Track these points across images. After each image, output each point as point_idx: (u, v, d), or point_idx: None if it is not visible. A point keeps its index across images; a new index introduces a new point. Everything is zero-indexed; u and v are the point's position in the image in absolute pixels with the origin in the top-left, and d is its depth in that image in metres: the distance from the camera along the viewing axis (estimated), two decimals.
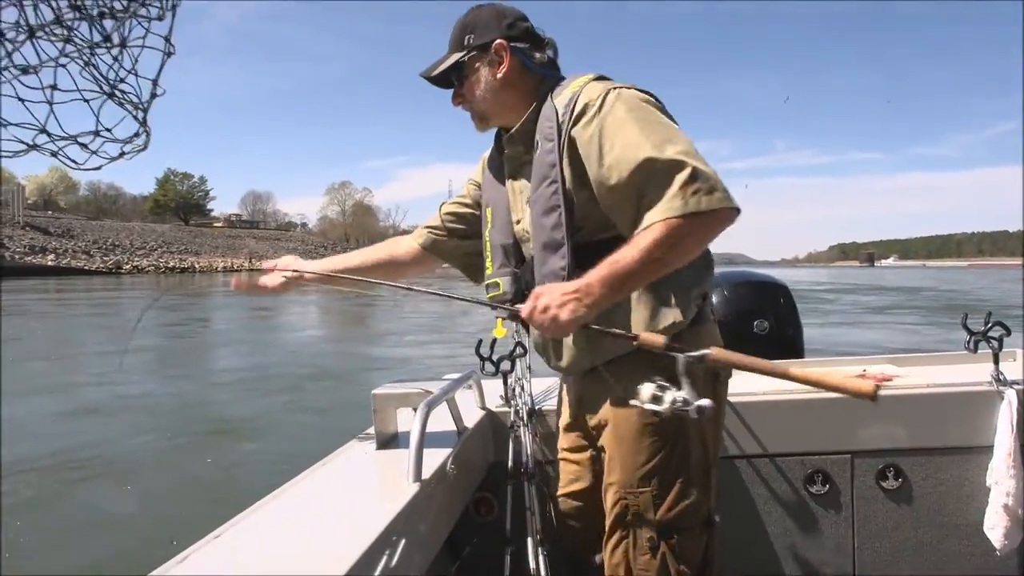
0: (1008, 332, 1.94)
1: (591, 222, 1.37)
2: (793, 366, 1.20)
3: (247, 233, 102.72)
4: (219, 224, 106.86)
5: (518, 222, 1.51)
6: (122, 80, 1.14)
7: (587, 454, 1.59)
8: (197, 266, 73.31)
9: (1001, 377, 1.93)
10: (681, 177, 1.17)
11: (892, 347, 10.82)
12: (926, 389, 1.97)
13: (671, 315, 1.34)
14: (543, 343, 1.53)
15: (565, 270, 1.34)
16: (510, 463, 1.76)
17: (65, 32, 1.08)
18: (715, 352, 1.21)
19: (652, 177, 1.20)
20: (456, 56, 1.45)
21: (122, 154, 1.16)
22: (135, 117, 1.17)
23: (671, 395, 1.16)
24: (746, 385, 2.10)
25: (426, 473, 1.34)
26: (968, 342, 1.97)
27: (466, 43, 1.45)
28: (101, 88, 1.11)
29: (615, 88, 1.33)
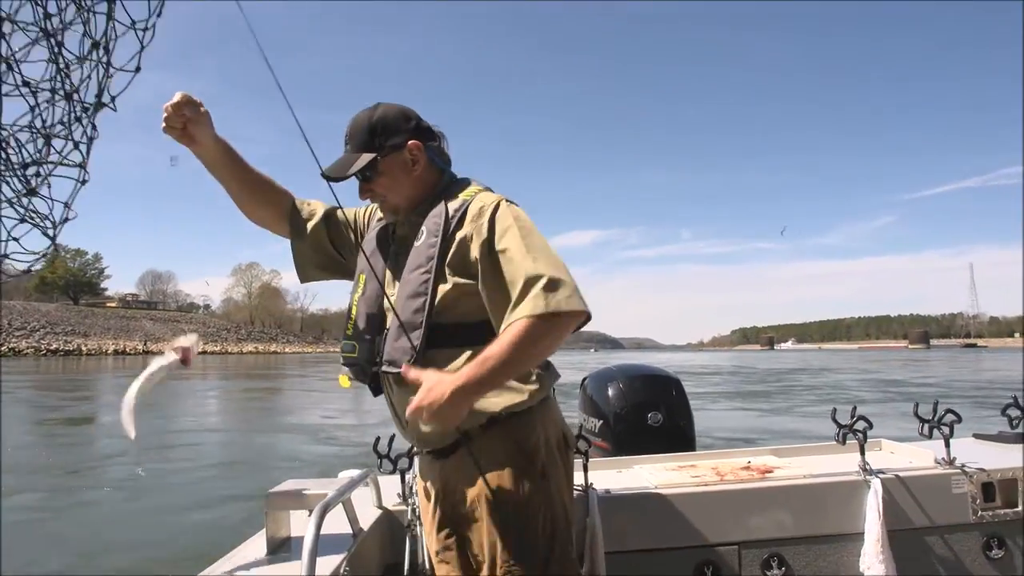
0: (871, 425, 2.11)
1: (450, 313, 1.47)
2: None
3: (144, 314, 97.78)
4: (112, 304, 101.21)
5: (391, 296, 1.57)
6: (33, 192, 1.18)
7: (454, 552, 1.57)
8: (84, 348, 68.75)
9: (868, 467, 2.08)
10: (543, 283, 1.35)
11: (780, 433, 11.32)
12: (803, 480, 2.09)
13: (528, 390, 1.48)
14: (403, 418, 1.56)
15: (415, 350, 1.46)
16: (407, 565, 1.73)
17: None
18: None
19: (524, 282, 1.37)
20: (369, 156, 1.52)
21: (28, 270, 1.18)
22: (47, 235, 1.21)
23: None
24: (638, 479, 2.17)
25: None
26: (837, 434, 2.14)
27: (377, 144, 1.53)
28: (15, 210, 1.14)
29: (505, 201, 1.50)
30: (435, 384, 1.34)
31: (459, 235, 1.47)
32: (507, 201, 1.50)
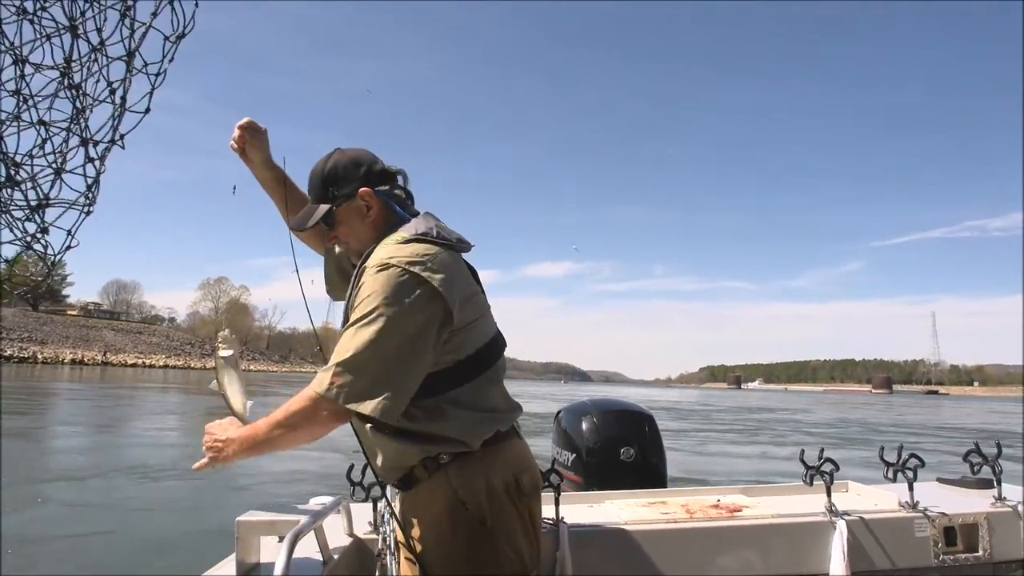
0: (837, 467, 2.16)
1: None
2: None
3: (105, 324, 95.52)
4: (73, 312, 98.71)
5: None
6: (46, 231, 1.22)
7: None
8: (40, 356, 66.93)
9: (833, 508, 2.12)
10: (338, 368, 1.39)
11: (748, 471, 11.40)
12: (771, 520, 2.13)
13: (462, 436, 1.46)
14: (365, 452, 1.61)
15: None
16: None
17: None
18: None
19: (332, 360, 1.41)
20: (325, 207, 1.59)
21: (25, 294, 1.22)
22: (47, 264, 1.26)
23: None
24: (609, 515, 2.18)
25: None
26: (805, 476, 2.17)
27: (331, 195, 1.59)
28: (18, 239, 1.19)
29: (389, 265, 1.43)
30: (225, 426, 1.51)
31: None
32: (391, 266, 1.43)
